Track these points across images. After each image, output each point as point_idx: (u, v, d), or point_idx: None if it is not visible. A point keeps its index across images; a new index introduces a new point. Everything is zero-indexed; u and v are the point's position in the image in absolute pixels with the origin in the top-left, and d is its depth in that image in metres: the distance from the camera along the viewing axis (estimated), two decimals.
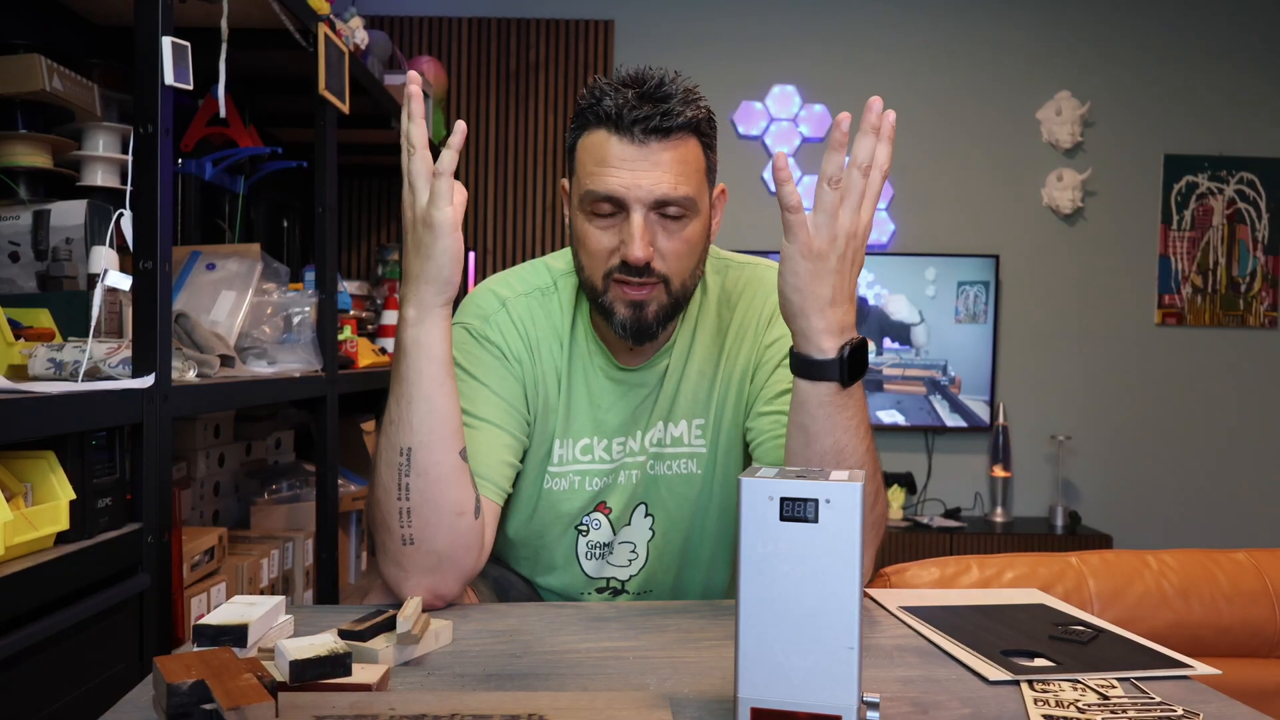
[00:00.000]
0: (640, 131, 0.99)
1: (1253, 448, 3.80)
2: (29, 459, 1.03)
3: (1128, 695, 0.79)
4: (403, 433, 0.94)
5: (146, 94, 1.18)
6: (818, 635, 0.66)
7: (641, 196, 1.00)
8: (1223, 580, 1.35)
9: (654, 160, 1.00)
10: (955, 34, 3.75)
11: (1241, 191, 3.76)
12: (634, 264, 1.01)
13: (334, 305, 1.92)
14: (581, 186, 1.04)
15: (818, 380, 0.91)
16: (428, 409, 0.94)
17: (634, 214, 1.00)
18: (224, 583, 1.50)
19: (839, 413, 0.92)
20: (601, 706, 0.72)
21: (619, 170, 1.00)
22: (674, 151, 1.01)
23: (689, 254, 1.05)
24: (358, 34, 2.35)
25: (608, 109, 1.00)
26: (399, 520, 0.95)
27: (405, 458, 0.94)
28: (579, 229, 1.05)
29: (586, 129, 1.04)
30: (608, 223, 1.03)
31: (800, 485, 0.66)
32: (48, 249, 1.39)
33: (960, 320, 3.71)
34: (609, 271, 1.03)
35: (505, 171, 3.71)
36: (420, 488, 0.95)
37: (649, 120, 0.99)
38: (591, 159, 1.02)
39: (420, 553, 0.96)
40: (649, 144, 1.00)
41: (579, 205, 1.05)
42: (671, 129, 1.00)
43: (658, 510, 1.15)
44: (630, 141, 1.00)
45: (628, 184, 1.00)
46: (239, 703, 0.63)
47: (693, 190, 1.02)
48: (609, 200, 1.01)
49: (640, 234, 1.00)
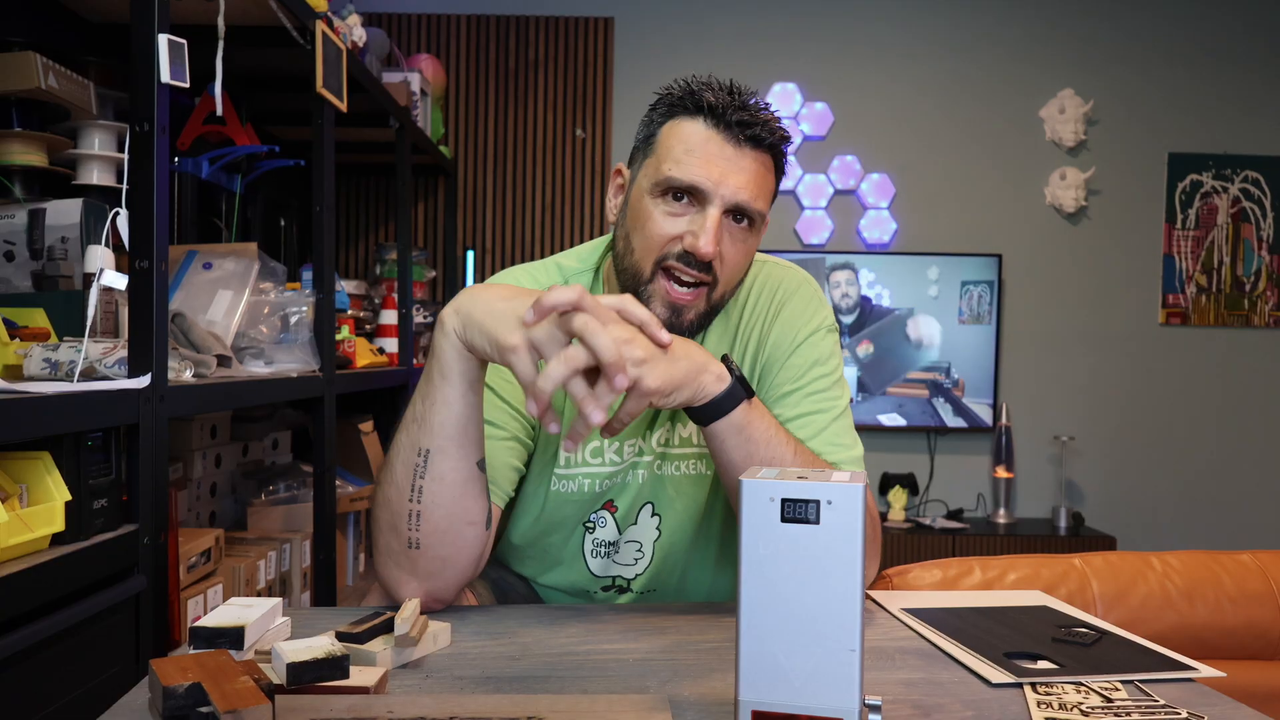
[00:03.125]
0: (741, 132, 1.01)
1: (1257, 448, 3.79)
2: (24, 460, 1.02)
3: (1131, 698, 0.79)
4: (424, 433, 0.93)
5: (142, 92, 1.18)
6: (819, 637, 0.65)
7: (726, 194, 1.00)
8: (1227, 582, 1.34)
9: (743, 164, 1.01)
10: (957, 32, 3.74)
11: (1246, 190, 3.75)
12: (701, 257, 1.00)
13: (331, 305, 1.92)
14: (661, 170, 1.02)
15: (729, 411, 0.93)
16: (450, 414, 0.93)
17: (712, 208, 1.00)
18: (220, 584, 1.50)
19: (755, 429, 0.95)
20: (601, 709, 0.72)
21: (710, 163, 1.00)
22: (761, 164, 1.02)
23: (742, 266, 1.06)
24: (355, 31, 2.35)
25: (711, 102, 1.01)
26: (408, 523, 0.94)
27: (423, 459, 0.93)
28: (643, 208, 1.04)
29: (679, 116, 1.04)
30: (679, 209, 1.02)
31: (802, 486, 0.65)
32: (43, 248, 1.38)
33: (964, 321, 3.69)
34: (663, 258, 1.02)
35: (504, 170, 3.71)
36: (434, 492, 0.93)
37: (750, 126, 1.01)
38: (681, 145, 1.02)
39: (425, 558, 0.95)
40: (744, 148, 1.01)
41: (650, 188, 1.04)
42: (765, 140, 1.02)
43: (665, 510, 1.14)
44: (728, 139, 1.01)
45: (716, 178, 1.00)
46: (235, 706, 0.63)
47: (765, 206, 1.04)
48: (691, 189, 1.01)
49: (715, 228, 1.00)
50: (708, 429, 0.95)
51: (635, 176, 1.07)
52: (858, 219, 3.75)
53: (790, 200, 3.76)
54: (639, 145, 1.08)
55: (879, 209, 3.74)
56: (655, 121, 1.06)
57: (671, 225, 1.02)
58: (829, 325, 1.14)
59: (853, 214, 3.76)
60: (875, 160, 3.74)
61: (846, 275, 3.69)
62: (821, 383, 1.10)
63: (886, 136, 3.74)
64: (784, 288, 1.14)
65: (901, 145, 3.75)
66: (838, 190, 3.74)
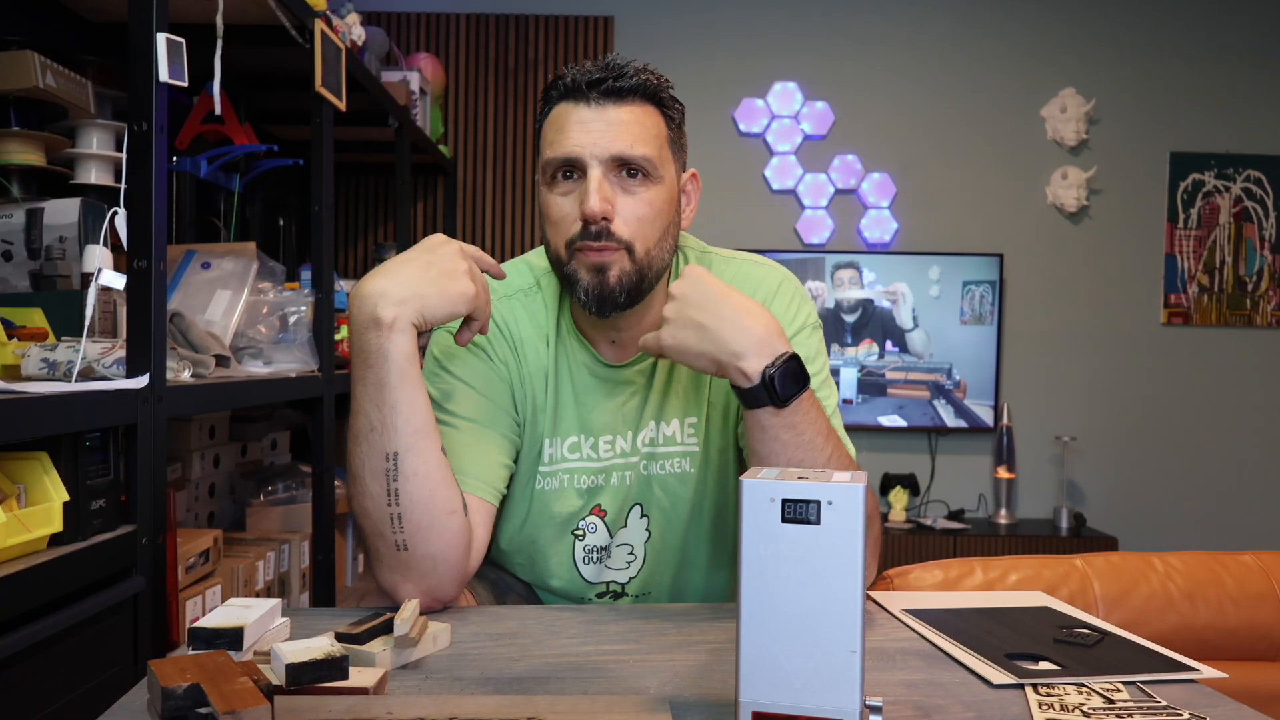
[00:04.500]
0: (596, 94, 1.01)
1: (1259, 448, 3.78)
2: (22, 460, 1.02)
3: (1133, 699, 0.78)
4: (388, 438, 0.94)
5: (141, 91, 1.18)
6: (820, 638, 0.65)
7: (597, 153, 1.01)
8: (1229, 583, 1.34)
9: (609, 119, 1.01)
10: (958, 30, 3.74)
11: (1249, 189, 3.75)
12: (591, 218, 1.00)
13: (330, 304, 1.92)
14: (542, 159, 1.05)
15: (754, 407, 0.94)
16: (411, 411, 0.94)
17: (591, 170, 1.01)
18: (219, 585, 1.49)
19: (786, 433, 0.94)
20: (601, 710, 0.71)
21: (576, 133, 1.01)
22: (631, 114, 1.02)
23: (652, 219, 1.04)
24: (354, 30, 2.35)
25: (566, 83, 1.03)
26: (391, 527, 0.94)
27: (393, 463, 0.94)
28: (543, 202, 1.06)
29: (550, 106, 1.06)
30: (569, 187, 1.03)
31: (802, 487, 0.65)
32: (41, 248, 1.38)
33: (966, 322, 3.69)
34: (571, 239, 1.02)
35: (503, 169, 3.70)
36: (410, 491, 0.94)
37: (602, 82, 1.01)
38: (551, 129, 1.04)
39: (415, 557, 0.95)
40: (605, 106, 1.02)
41: (542, 181, 1.05)
42: (625, 89, 1.02)
43: (653, 511, 1.14)
44: (586, 105, 1.02)
45: (583, 142, 1.01)
46: (234, 707, 0.63)
47: (651, 153, 1.03)
48: (567, 163, 1.02)
49: (596, 188, 1.00)
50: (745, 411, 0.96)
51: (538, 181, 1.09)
52: (858, 218, 3.75)
53: (791, 199, 3.75)
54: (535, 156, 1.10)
55: (880, 208, 3.74)
56: (538, 122, 1.08)
57: (567, 205, 1.03)
58: (813, 323, 1.13)
59: (853, 213, 3.75)
60: (876, 159, 3.74)
61: (850, 274, 3.68)
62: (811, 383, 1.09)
63: (887, 136, 3.74)
64: (764, 287, 1.13)
65: (902, 144, 3.74)
66: (838, 190, 3.74)
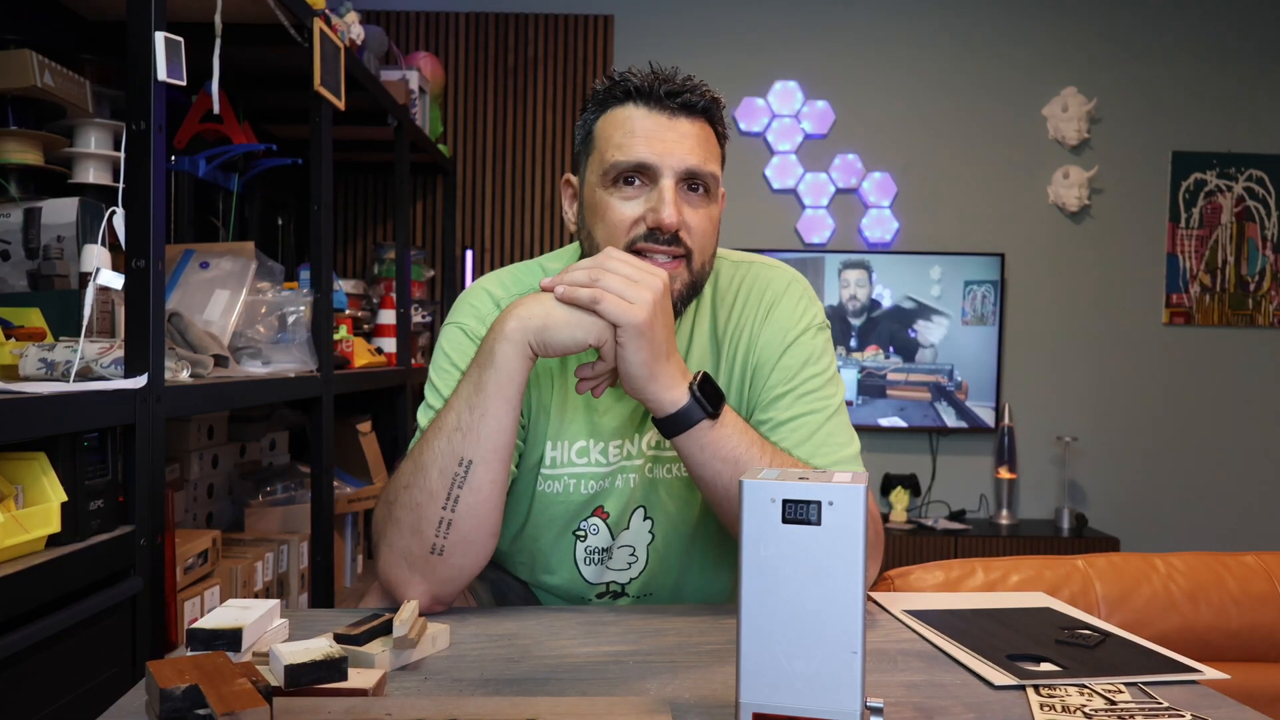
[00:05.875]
0: (671, 102, 1.02)
1: (1261, 449, 3.78)
2: (20, 460, 1.02)
3: (1135, 700, 0.78)
4: (469, 443, 0.93)
5: (139, 90, 1.17)
6: (820, 639, 0.65)
7: (674, 164, 1.01)
8: (1231, 584, 1.34)
9: (682, 132, 1.02)
10: (959, 29, 3.74)
11: (1250, 189, 3.74)
12: (666, 229, 1.00)
13: (329, 304, 1.91)
14: (605, 161, 1.03)
15: (690, 429, 0.94)
16: (498, 425, 0.93)
17: (665, 180, 1.01)
18: (218, 586, 1.49)
19: (724, 444, 0.95)
20: (601, 712, 0.71)
21: (650, 139, 1.01)
22: (699, 129, 1.04)
23: (712, 233, 1.06)
24: (353, 29, 2.34)
25: (636, 85, 1.03)
26: (436, 530, 0.94)
27: (464, 469, 0.93)
28: (599, 202, 1.04)
29: (610, 107, 1.05)
30: (633, 192, 1.03)
31: (803, 487, 0.65)
32: (39, 247, 1.38)
33: (968, 322, 3.68)
34: (631, 243, 1.02)
35: (503, 168, 3.70)
36: (470, 503, 0.94)
37: (679, 94, 1.02)
38: (620, 131, 1.03)
39: (445, 565, 0.95)
40: (678, 117, 1.02)
41: (600, 181, 1.04)
42: (698, 105, 1.03)
43: (657, 513, 1.14)
44: (661, 113, 1.02)
45: (660, 151, 1.01)
46: (233, 708, 0.63)
47: (716, 169, 1.05)
48: (639, 169, 1.02)
49: (673, 198, 1.01)
50: (672, 442, 0.96)
51: (584, 177, 1.08)
52: (859, 218, 3.74)
53: (791, 199, 3.75)
54: (579, 148, 1.10)
55: (881, 208, 3.73)
56: (589, 120, 1.08)
57: (630, 209, 1.02)
58: (819, 323, 1.13)
59: (854, 213, 3.75)
60: (877, 159, 3.73)
61: (858, 275, 3.67)
62: (814, 382, 1.09)
63: (888, 135, 3.73)
64: (772, 288, 1.13)
65: (903, 144, 3.74)
66: (839, 189, 3.74)
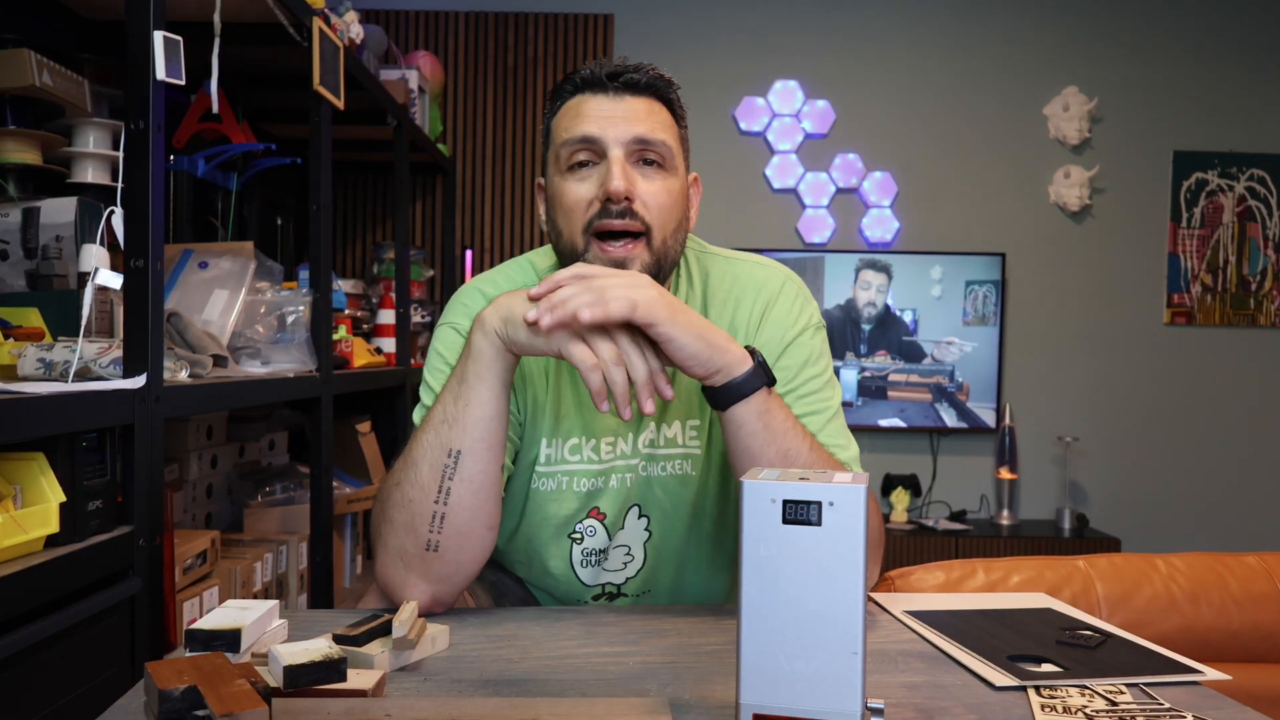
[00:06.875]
0: (615, 84, 1.03)
1: (1263, 449, 3.77)
2: (18, 461, 1.02)
3: (1136, 701, 0.78)
4: (455, 434, 0.93)
5: (138, 89, 1.17)
6: (821, 640, 0.65)
7: (619, 135, 1.01)
8: (1233, 584, 1.33)
9: (628, 108, 1.03)
10: (960, 28, 3.73)
11: (1252, 189, 3.74)
12: (614, 196, 1.00)
13: (328, 304, 1.91)
14: (558, 145, 1.04)
15: (748, 395, 0.93)
16: (481, 414, 0.93)
17: (613, 151, 1.01)
18: (217, 587, 1.49)
19: (774, 417, 0.95)
20: (601, 713, 0.71)
21: (596, 117, 1.02)
22: (648, 106, 1.04)
23: (670, 207, 1.04)
24: (353, 28, 2.34)
25: (583, 75, 1.05)
26: (430, 525, 0.93)
27: (454, 460, 0.93)
28: (556, 189, 1.05)
29: (562, 101, 1.07)
30: (586, 173, 1.03)
31: (803, 488, 0.65)
32: (37, 247, 1.38)
33: (969, 322, 3.67)
34: (588, 223, 1.02)
35: (503, 168, 3.70)
36: (461, 494, 0.93)
37: (622, 74, 1.03)
38: (568, 117, 1.05)
39: (441, 561, 0.95)
40: (623, 96, 1.03)
41: (556, 169, 1.05)
42: (642, 84, 1.04)
43: (653, 511, 1.13)
44: (606, 94, 1.03)
45: (603, 123, 1.02)
46: (232, 709, 0.63)
47: (670, 140, 1.04)
48: (585, 143, 1.02)
49: (620, 166, 1.01)
50: (725, 414, 0.95)
51: (549, 176, 1.08)
52: (860, 218, 3.74)
53: (792, 198, 3.75)
54: (545, 150, 1.10)
55: (881, 208, 3.73)
56: (548, 119, 1.09)
57: (584, 190, 1.03)
58: (816, 323, 1.13)
59: (855, 213, 3.75)
60: (877, 158, 3.73)
61: (879, 279, 3.64)
62: (814, 383, 1.09)
63: (889, 134, 3.73)
64: (768, 288, 1.13)
65: (904, 143, 3.74)
66: (839, 189, 3.73)
